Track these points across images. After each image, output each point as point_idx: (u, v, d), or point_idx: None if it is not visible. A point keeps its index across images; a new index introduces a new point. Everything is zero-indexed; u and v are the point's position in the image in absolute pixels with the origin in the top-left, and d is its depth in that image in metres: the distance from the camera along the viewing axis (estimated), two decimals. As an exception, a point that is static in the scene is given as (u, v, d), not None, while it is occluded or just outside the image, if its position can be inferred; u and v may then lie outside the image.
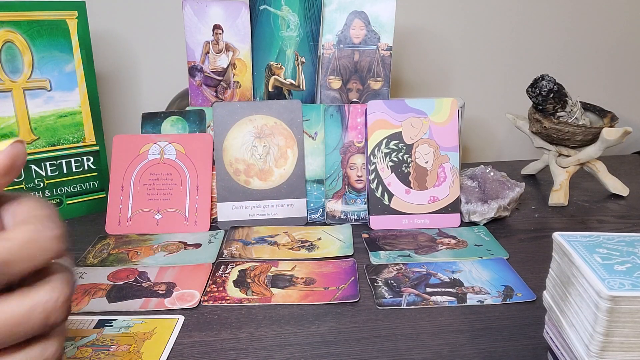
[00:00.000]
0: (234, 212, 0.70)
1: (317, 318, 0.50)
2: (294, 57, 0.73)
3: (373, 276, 0.57)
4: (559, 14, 1.00)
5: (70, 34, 0.69)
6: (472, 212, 0.69)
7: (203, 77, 0.73)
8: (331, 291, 0.54)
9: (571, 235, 0.40)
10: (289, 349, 0.46)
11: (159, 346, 0.46)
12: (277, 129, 0.71)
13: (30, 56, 0.67)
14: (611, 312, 0.33)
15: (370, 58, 0.73)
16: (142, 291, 0.54)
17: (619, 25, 1.03)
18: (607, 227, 0.70)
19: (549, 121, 0.77)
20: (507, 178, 0.73)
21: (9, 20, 0.65)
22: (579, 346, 0.36)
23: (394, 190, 0.70)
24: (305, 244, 0.65)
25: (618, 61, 1.05)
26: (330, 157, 0.72)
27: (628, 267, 0.35)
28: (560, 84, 0.77)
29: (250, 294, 0.54)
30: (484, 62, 1.01)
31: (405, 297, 0.53)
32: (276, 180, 0.71)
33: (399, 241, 0.65)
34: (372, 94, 0.74)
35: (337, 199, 0.72)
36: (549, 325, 0.42)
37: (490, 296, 0.53)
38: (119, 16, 0.89)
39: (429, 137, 0.71)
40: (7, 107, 0.67)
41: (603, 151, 0.76)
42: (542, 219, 0.73)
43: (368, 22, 0.72)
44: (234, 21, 0.72)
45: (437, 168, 0.70)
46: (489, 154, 1.07)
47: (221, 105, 0.71)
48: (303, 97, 0.74)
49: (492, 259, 0.61)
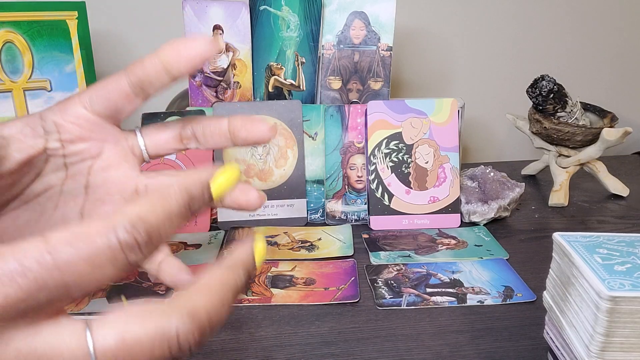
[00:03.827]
0: (234, 213, 0.70)
1: (317, 318, 0.50)
2: (294, 57, 0.73)
3: (373, 276, 0.57)
4: (559, 14, 1.00)
5: (70, 34, 0.69)
6: (472, 212, 0.69)
7: (203, 78, 0.73)
8: (331, 291, 0.54)
9: (571, 235, 0.40)
10: (289, 349, 0.46)
11: (159, 346, 0.46)
12: (277, 129, 0.71)
13: (30, 56, 0.67)
14: (611, 312, 0.33)
15: (370, 58, 0.73)
16: (142, 291, 0.54)
17: (619, 25, 1.03)
18: (607, 227, 0.70)
19: (549, 121, 0.77)
20: (507, 178, 0.73)
21: (9, 20, 0.65)
22: (579, 346, 0.36)
23: (394, 191, 0.70)
24: (305, 244, 0.65)
25: (618, 61, 1.05)
26: (331, 157, 0.72)
27: (628, 268, 0.35)
28: (560, 85, 0.77)
29: (250, 294, 0.54)
30: (484, 62, 1.01)
31: (405, 297, 0.53)
32: (276, 180, 0.71)
33: (399, 241, 0.65)
34: (372, 94, 0.74)
35: (337, 199, 0.72)
36: (549, 326, 0.42)
37: (490, 296, 0.53)
38: (119, 16, 0.89)
39: (429, 137, 0.71)
40: (7, 108, 0.67)
41: (603, 151, 0.76)
42: (542, 220, 0.73)
43: (368, 23, 0.72)
44: (234, 21, 0.72)
45: (437, 168, 0.70)
46: (489, 155, 1.07)
47: (221, 106, 0.71)
48: (303, 97, 0.74)
49: (492, 260, 0.61)
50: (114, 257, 0.18)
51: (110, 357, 0.18)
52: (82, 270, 0.17)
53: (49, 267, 0.17)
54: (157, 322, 0.18)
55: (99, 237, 0.18)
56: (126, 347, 0.18)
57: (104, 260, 0.18)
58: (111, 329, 0.18)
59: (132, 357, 0.18)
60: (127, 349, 0.18)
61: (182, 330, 0.18)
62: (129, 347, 0.18)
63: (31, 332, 0.17)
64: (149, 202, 0.19)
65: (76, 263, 0.17)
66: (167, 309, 0.19)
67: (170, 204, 0.19)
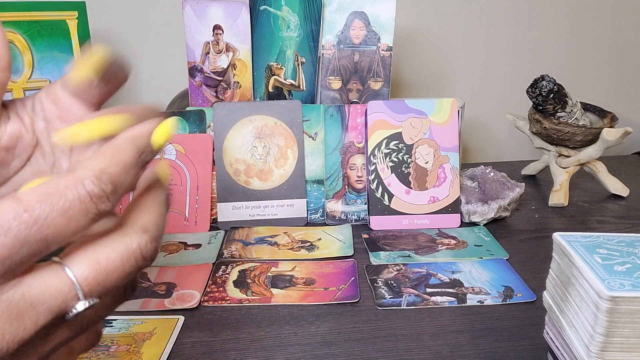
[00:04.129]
0: (234, 213, 0.70)
1: (317, 318, 0.50)
2: (294, 57, 0.73)
3: (373, 276, 0.57)
4: (560, 14, 1.00)
5: (70, 34, 0.69)
6: (472, 212, 0.69)
7: (203, 78, 0.73)
8: (331, 291, 0.54)
9: (571, 235, 0.40)
10: (289, 349, 0.46)
11: (159, 346, 0.46)
12: (277, 129, 0.71)
13: (30, 56, 0.67)
14: (611, 312, 0.33)
15: (370, 58, 0.73)
16: (142, 291, 0.54)
17: (619, 25, 1.03)
18: (607, 227, 0.70)
19: (549, 121, 0.77)
20: (507, 178, 0.73)
21: (9, 20, 0.65)
22: (579, 346, 0.36)
23: (394, 191, 0.70)
24: (306, 244, 0.65)
25: (618, 61, 1.05)
26: (330, 157, 0.72)
27: (628, 268, 0.35)
28: (560, 85, 0.77)
29: (250, 294, 0.54)
30: (484, 62, 1.01)
31: (405, 297, 0.53)
32: (276, 180, 0.71)
33: (399, 241, 0.65)
34: (372, 94, 0.74)
35: (337, 199, 0.72)
36: (549, 326, 0.42)
37: (490, 296, 0.53)
38: (119, 16, 0.89)
39: (429, 137, 0.71)
40: (7, 108, 0.67)
41: (603, 151, 0.76)
42: (542, 220, 0.73)
43: (368, 23, 0.72)
44: (234, 21, 0.72)
45: (437, 168, 0.70)
46: (489, 155, 1.07)
47: (221, 106, 0.71)
48: (303, 97, 0.74)
49: (492, 260, 0.61)
50: (85, 208, 0.19)
51: (92, 281, 0.20)
52: (59, 223, 0.19)
53: (28, 224, 0.18)
54: (121, 243, 0.21)
55: (69, 191, 0.19)
56: (102, 269, 0.20)
57: (77, 211, 0.19)
58: (85, 259, 0.20)
59: (109, 277, 0.21)
60: (103, 271, 0.20)
61: (142, 244, 0.21)
62: (104, 269, 0.20)
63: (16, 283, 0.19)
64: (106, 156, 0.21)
65: (53, 217, 0.19)
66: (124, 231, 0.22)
67: (124, 155, 0.21)
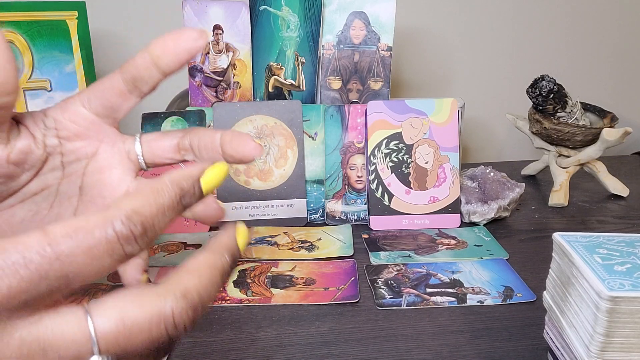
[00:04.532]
0: (234, 213, 0.70)
1: (317, 318, 0.50)
2: (294, 57, 0.73)
3: (373, 276, 0.57)
4: (559, 14, 1.00)
5: (70, 34, 0.69)
6: (472, 212, 0.69)
7: (203, 78, 0.73)
8: (331, 291, 0.54)
9: (571, 235, 0.40)
10: (289, 349, 0.46)
11: (159, 346, 0.46)
12: (277, 129, 0.71)
13: (30, 56, 0.67)
14: (611, 312, 0.33)
15: (370, 58, 0.73)
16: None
17: (619, 25, 1.03)
18: (607, 227, 0.70)
19: (549, 122, 0.77)
20: (507, 178, 0.73)
21: (9, 20, 0.65)
22: (579, 347, 0.36)
23: (394, 191, 0.70)
24: (305, 244, 0.65)
25: (618, 61, 1.05)
26: (330, 157, 0.72)
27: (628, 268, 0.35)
28: (560, 85, 0.77)
29: (250, 294, 0.54)
30: (484, 62, 1.01)
31: (405, 297, 0.53)
32: (276, 180, 0.71)
33: (399, 241, 0.65)
34: (372, 94, 0.74)
35: (337, 200, 0.72)
36: (549, 326, 0.42)
37: (490, 297, 0.53)
38: (119, 16, 0.89)
39: (429, 137, 0.71)
40: (7, 108, 0.67)
41: (603, 151, 0.76)
42: (542, 220, 0.73)
43: (368, 23, 0.72)
44: (234, 21, 0.72)
45: (437, 168, 0.70)
46: (489, 155, 1.07)
47: (221, 106, 0.71)
48: (303, 97, 0.74)
49: (492, 260, 0.61)
50: (111, 249, 0.19)
51: (111, 339, 0.19)
52: (82, 261, 0.18)
53: (50, 258, 0.18)
54: (153, 304, 0.19)
55: (97, 229, 0.18)
56: (126, 329, 0.19)
57: (102, 251, 0.18)
58: (110, 313, 0.19)
59: (132, 339, 0.19)
60: (126, 330, 0.19)
61: (176, 310, 0.19)
62: (128, 329, 0.19)
63: (34, 322, 0.18)
64: (143, 196, 0.20)
65: (76, 254, 0.18)
66: (161, 291, 0.20)
67: (163, 197, 0.20)
